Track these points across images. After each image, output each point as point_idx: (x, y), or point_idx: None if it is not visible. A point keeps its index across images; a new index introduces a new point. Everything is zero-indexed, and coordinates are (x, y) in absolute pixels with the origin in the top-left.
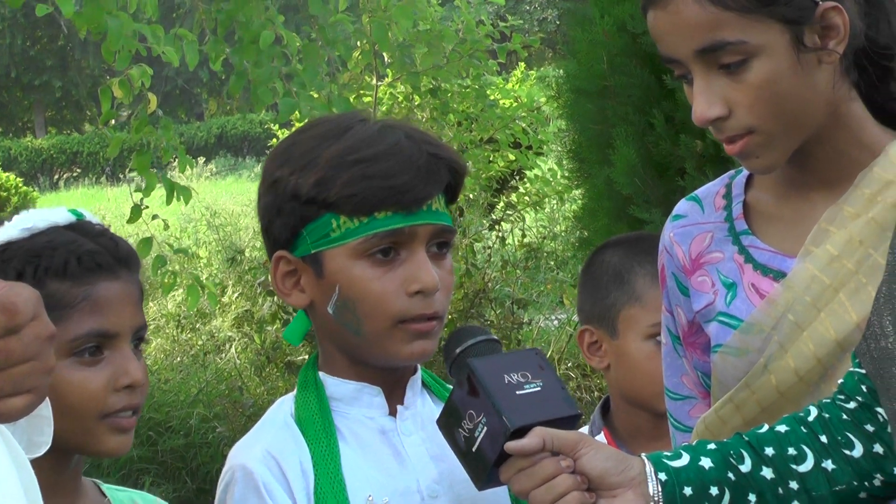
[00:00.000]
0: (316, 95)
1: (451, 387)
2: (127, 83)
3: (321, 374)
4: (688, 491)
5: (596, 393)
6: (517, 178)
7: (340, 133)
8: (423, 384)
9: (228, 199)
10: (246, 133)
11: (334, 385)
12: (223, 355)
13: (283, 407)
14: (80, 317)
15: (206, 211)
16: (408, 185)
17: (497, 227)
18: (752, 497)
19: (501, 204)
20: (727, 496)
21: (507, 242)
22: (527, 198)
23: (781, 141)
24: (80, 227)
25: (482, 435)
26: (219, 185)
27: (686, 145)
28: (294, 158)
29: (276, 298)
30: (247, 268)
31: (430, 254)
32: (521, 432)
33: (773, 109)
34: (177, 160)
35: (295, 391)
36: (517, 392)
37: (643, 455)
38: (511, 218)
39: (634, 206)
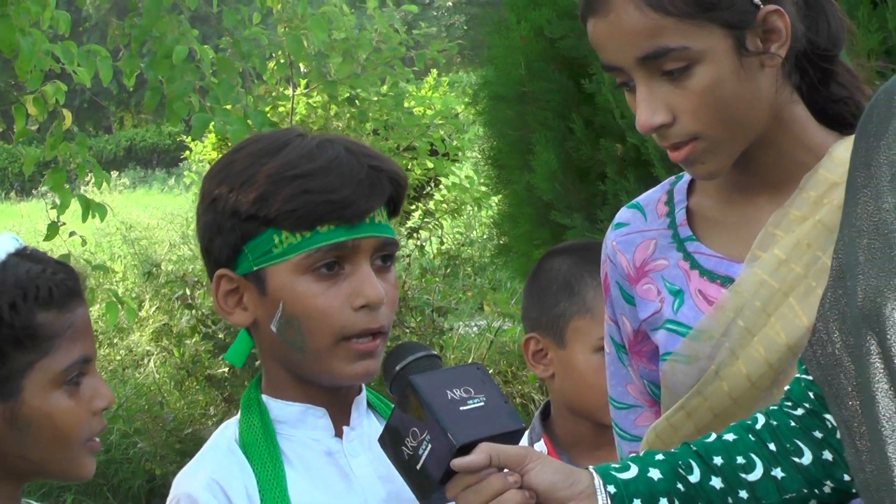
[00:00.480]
0: (231, 108)
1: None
2: (41, 100)
3: (264, 396)
4: (637, 503)
5: (518, 399)
6: (433, 185)
7: (278, 149)
8: (369, 404)
9: (141, 211)
10: (155, 145)
11: (278, 408)
12: (142, 370)
13: (227, 432)
14: (68, 345)
15: (122, 225)
16: (349, 198)
17: (416, 234)
18: None
19: (419, 212)
20: None
21: (425, 250)
22: (444, 205)
23: (726, 146)
24: (28, 255)
25: (426, 452)
26: (129, 197)
27: (606, 149)
28: (232, 176)
29: (194, 312)
30: (163, 281)
31: (375, 267)
32: (466, 448)
33: (717, 115)
34: (90, 175)
35: (238, 415)
36: (461, 408)
37: (591, 468)
38: (429, 226)
39: (556, 211)
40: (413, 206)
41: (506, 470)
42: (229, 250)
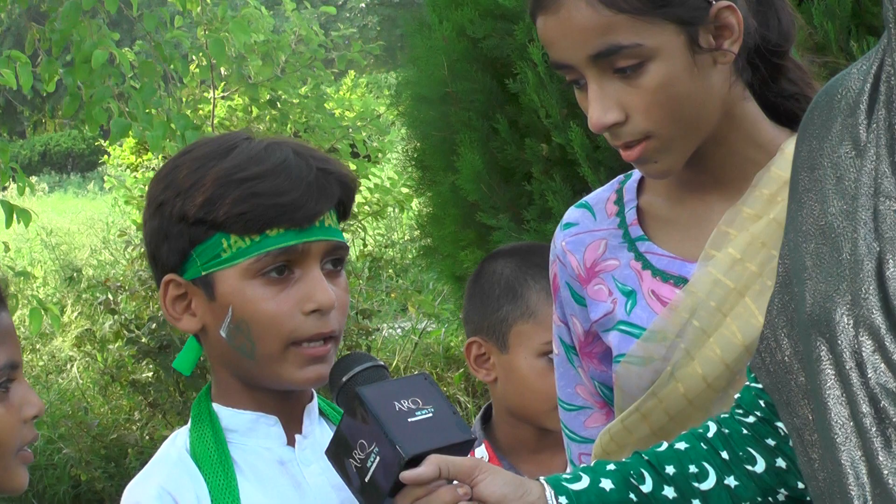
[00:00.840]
0: (154, 112)
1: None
2: None
3: (215, 405)
4: None
5: None
6: None
7: (225, 152)
8: (321, 412)
9: (59, 216)
10: (70, 149)
11: (229, 416)
12: (65, 375)
13: (177, 441)
14: None
15: (42, 230)
16: (298, 201)
17: None
18: None
19: None
20: None
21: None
22: (367, 207)
23: (679, 145)
24: None
25: (375, 465)
26: (45, 202)
27: (532, 149)
28: (179, 180)
29: (117, 317)
30: (85, 286)
31: (325, 271)
32: (415, 460)
33: (670, 113)
34: (10, 181)
35: (189, 424)
36: (409, 419)
37: (541, 479)
38: (352, 228)
39: (481, 212)
40: None
41: (455, 482)
42: (177, 255)
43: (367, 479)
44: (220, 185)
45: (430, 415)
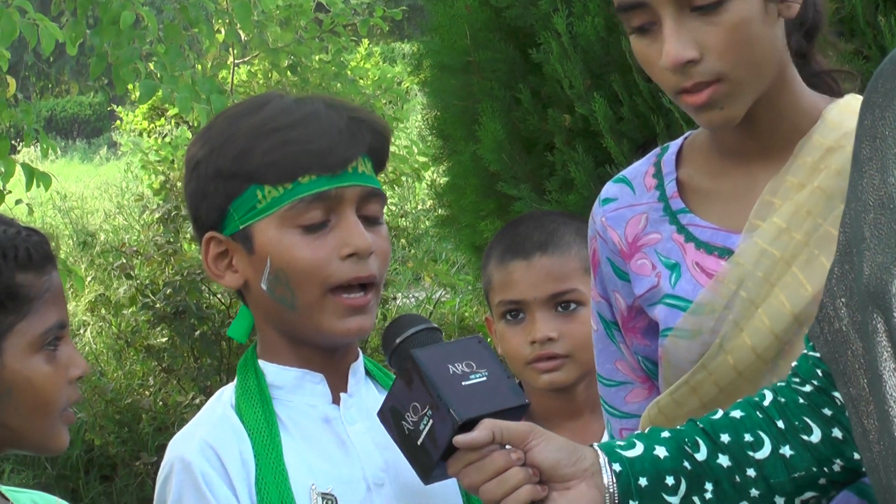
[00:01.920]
0: (179, 76)
1: (394, 375)
2: None
3: (261, 362)
4: (643, 482)
5: None
6: None
7: (257, 108)
8: (367, 372)
9: (72, 182)
10: (76, 115)
11: (275, 373)
12: (78, 340)
13: (223, 397)
14: (45, 309)
15: (56, 195)
16: (329, 147)
17: None
18: (708, 486)
19: None
20: (683, 486)
21: None
22: (382, 176)
23: (746, 91)
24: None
25: (427, 428)
26: (50, 167)
27: (554, 120)
28: (213, 138)
29: (132, 282)
30: (99, 251)
31: (363, 222)
32: (468, 424)
33: (744, 55)
34: (20, 144)
35: (235, 380)
36: (463, 383)
37: (595, 445)
38: None
39: (502, 182)
40: None
41: (508, 447)
42: (216, 213)
43: (419, 443)
44: (252, 138)
45: (484, 378)
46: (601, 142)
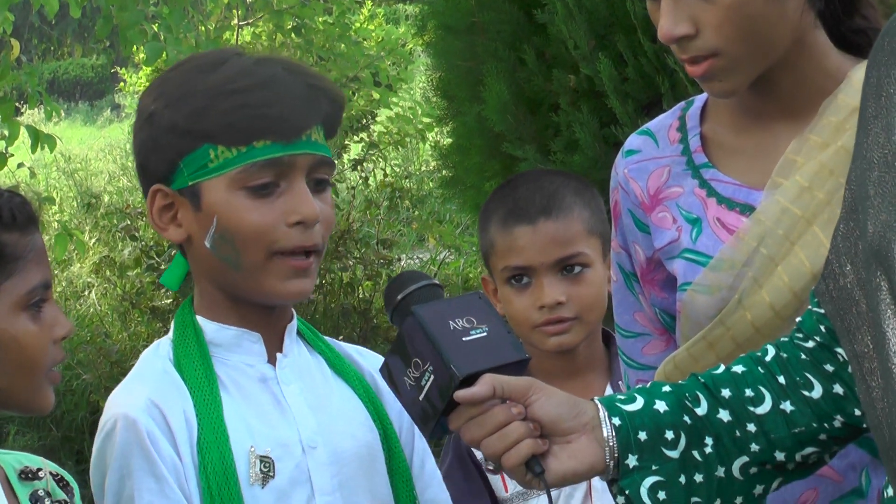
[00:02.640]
0: (182, 38)
1: (324, 337)
2: None
3: (199, 318)
4: (642, 436)
5: None
6: (369, 118)
7: (216, 66)
8: (298, 333)
9: (75, 144)
10: (78, 77)
11: (213, 330)
12: (82, 301)
13: (160, 351)
14: (30, 268)
15: (60, 157)
16: (286, 114)
17: (360, 166)
18: (708, 440)
19: (363, 143)
20: (683, 440)
21: (369, 182)
22: (387, 137)
23: (745, 66)
24: None
25: (429, 384)
26: (53, 130)
27: (559, 80)
28: (169, 92)
29: (136, 244)
30: (103, 212)
31: (310, 189)
32: (469, 380)
33: (741, 32)
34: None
35: (170, 334)
36: (463, 338)
37: (596, 399)
38: (373, 157)
39: (507, 142)
40: (357, 138)
41: (509, 401)
42: (165, 165)
43: (420, 398)
44: (210, 97)
45: (485, 334)
46: (606, 102)
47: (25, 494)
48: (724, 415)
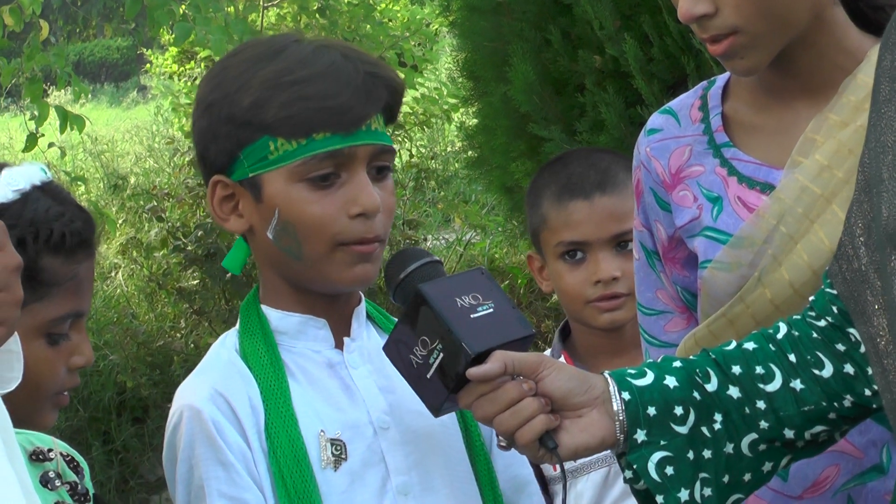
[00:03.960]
0: (212, 17)
1: (395, 319)
2: (18, 11)
3: (264, 307)
4: (651, 411)
5: None
6: None
7: (274, 54)
8: (368, 316)
9: (102, 125)
10: (104, 59)
11: (278, 318)
12: (109, 282)
13: (226, 342)
14: (63, 297)
15: (86, 138)
16: (345, 105)
17: None
18: (717, 416)
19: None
20: (692, 416)
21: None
22: (413, 117)
23: (766, 42)
24: (52, 191)
25: (437, 362)
26: (79, 111)
27: (585, 61)
28: (228, 81)
29: (163, 225)
30: (130, 194)
31: (371, 176)
32: (479, 357)
33: (760, 9)
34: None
35: (237, 325)
36: (471, 316)
37: (606, 373)
38: (398, 137)
39: (533, 123)
40: None
41: (520, 377)
42: (225, 156)
43: (428, 376)
44: (268, 88)
45: (491, 310)
46: (631, 82)
47: (36, 476)
48: (733, 391)
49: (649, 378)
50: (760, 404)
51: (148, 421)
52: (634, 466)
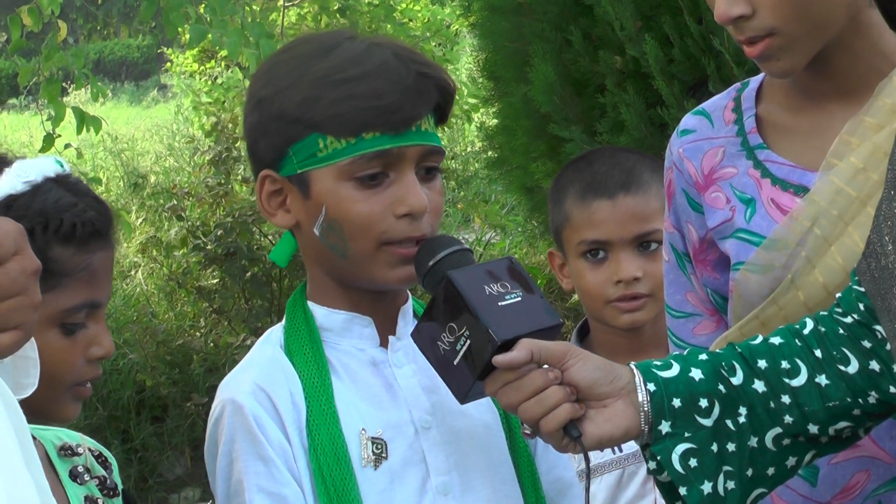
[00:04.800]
0: (228, 20)
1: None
2: (36, 11)
3: (310, 303)
4: (676, 402)
5: None
6: None
7: (326, 51)
8: (415, 314)
9: (121, 124)
10: (124, 58)
11: (324, 315)
12: (128, 281)
13: (272, 337)
14: (76, 287)
15: (107, 137)
16: (395, 104)
17: None
18: (742, 410)
19: None
20: (717, 409)
21: None
22: None
23: (802, 44)
24: (66, 183)
25: (464, 349)
26: (99, 110)
27: (605, 61)
28: (279, 77)
29: (183, 223)
30: (150, 192)
31: (419, 176)
32: (505, 345)
33: (797, 11)
34: (71, 87)
35: (283, 321)
36: (499, 303)
37: (632, 364)
38: None
39: (553, 123)
40: None
41: (546, 366)
42: (274, 152)
43: (455, 362)
44: (319, 86)
45: (519, 299)
46: (652, 83)
47: (65, 470)
48: (759, 385)
49: (675, 370)
50: (785, 399)
51: (167, 420)
52: (658, 458)
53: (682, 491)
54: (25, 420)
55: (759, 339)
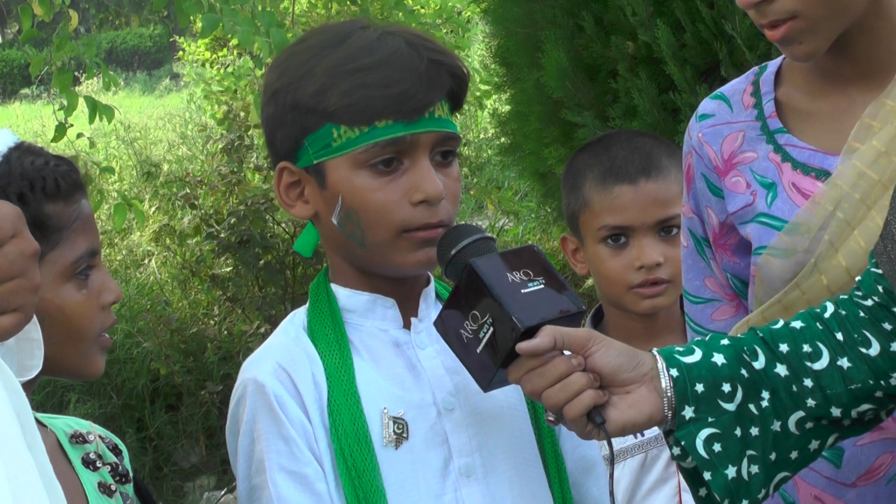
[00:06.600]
0: (239, 9)
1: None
2: (47, 1)
3: (333, 285)
4: (699, 388)
5: None
6: None
7: (339, 41)
8: (437, 296)
9: (134, 113)
10: (136, 47)
11: (347, 296)
12: (142, 270)
13: (295, 319)
14: (74, 238)
15: (119, 125)
16: (408, 92)
17: None
18: (765, 394)
19: None
20: (740, 393)
21: None
22: None
23: (824, 26)
24: (29, 148)
25: (487, 336)
26: (112, 99)
27: (617, 47)
28: (293, 69)
29: (196, 212)
30: (163, 181)
31: (435, 162)
32: (528, 332)
33: None
34: (83, 76)
35: (307, 304)
36: (522, 291)
37: (654, 350)
38: None
39: (566, 109)
40: None
41: (569, 353)
42: (290, 143)
43: (478, 350)
44: (331, 76)
45: (542, 286)
46: (664, 68)
47: (77, 457)
48: (781, 369)
49: (697, 355)
50: (808, 382)
51: (181, 408)
52: (682, 443)
53: (707, 476)
54: (28, 403)
55: (780, 323)
